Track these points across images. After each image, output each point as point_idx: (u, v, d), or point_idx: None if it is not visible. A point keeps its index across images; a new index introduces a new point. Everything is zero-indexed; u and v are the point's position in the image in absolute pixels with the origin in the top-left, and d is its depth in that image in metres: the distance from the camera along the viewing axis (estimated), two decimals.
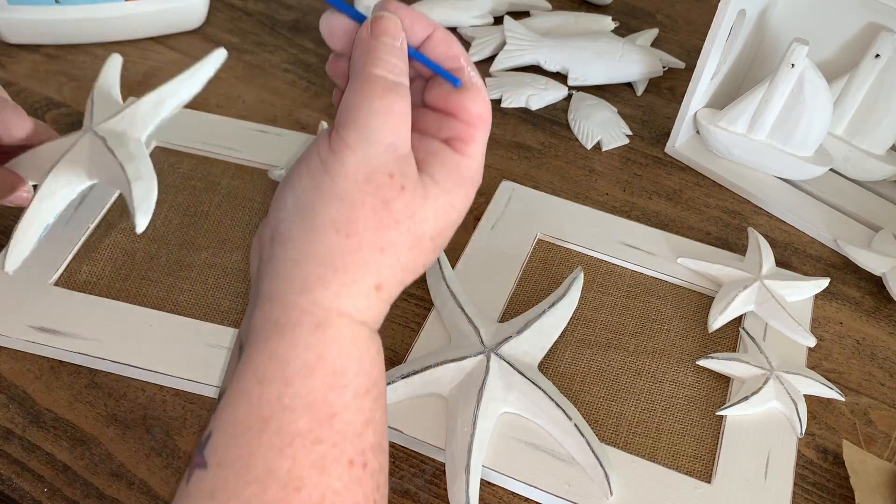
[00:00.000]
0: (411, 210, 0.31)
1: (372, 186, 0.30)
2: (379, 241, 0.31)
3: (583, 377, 0.52)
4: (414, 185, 0.31)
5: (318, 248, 0.30)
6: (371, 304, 0.32)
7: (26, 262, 0.55)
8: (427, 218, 0.31)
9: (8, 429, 0.48)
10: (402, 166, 0.31)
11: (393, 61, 0.31)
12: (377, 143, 0.30)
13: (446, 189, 0.32)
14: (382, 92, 0.31)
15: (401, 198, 0.31)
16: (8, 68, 0.73)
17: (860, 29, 0.63)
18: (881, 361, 0.56)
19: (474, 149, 0.33)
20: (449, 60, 0.33)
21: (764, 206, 0.66)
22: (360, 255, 0.31)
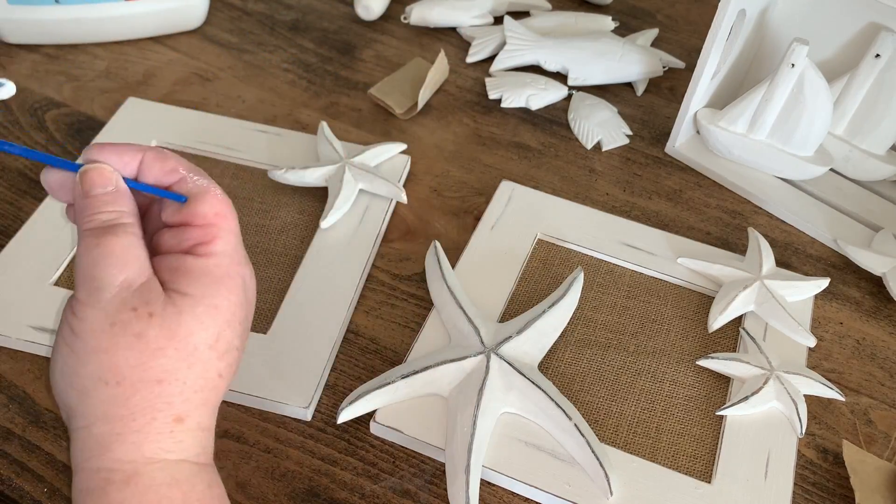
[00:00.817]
0: (169, 331, 0.30)
1: (119, 328, 0.30)
2: (151, 375, 0.30)
3: (583, 377, 0.52)
4: (162, 307, 0.30)
5: (97, 408, 0.30)
6: (181, 437, 0.31)
7: (26, 262, 0.55)
8: (192, 331, 0.31)
9: (8, 429, 0.48)
10: (143, 296, 0.30)
11: (107, 209, 0.32)
12: (108, 287, 0.30)
13: (200, 296, 0.31)
14: (97, 240, 0.31)
15: (152, 325, 0.30)
16: (8, 68, 0.73)
17: (860, 29, 0.63)
18: (881, 361, 0.56)
19: (219, 246, 0.32)
20: (168, 176, 0.34)
21: (764, 206, 0.66)
22: (139, 397, 0.30)
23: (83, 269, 0.31)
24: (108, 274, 0.30)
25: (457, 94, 0.74)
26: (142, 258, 0.31)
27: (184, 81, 0.73)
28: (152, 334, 0.30)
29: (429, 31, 0.81)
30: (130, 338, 0.30)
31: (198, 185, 0.33)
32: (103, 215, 0.32)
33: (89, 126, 0.68)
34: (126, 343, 0.30)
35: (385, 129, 0.70)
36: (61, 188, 0.33)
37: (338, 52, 0.78)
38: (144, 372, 0.30)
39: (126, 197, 0.33)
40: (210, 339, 0.31)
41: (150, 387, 0.30)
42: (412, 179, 0.65)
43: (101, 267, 0.30)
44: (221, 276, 0.32)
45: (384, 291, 0.57)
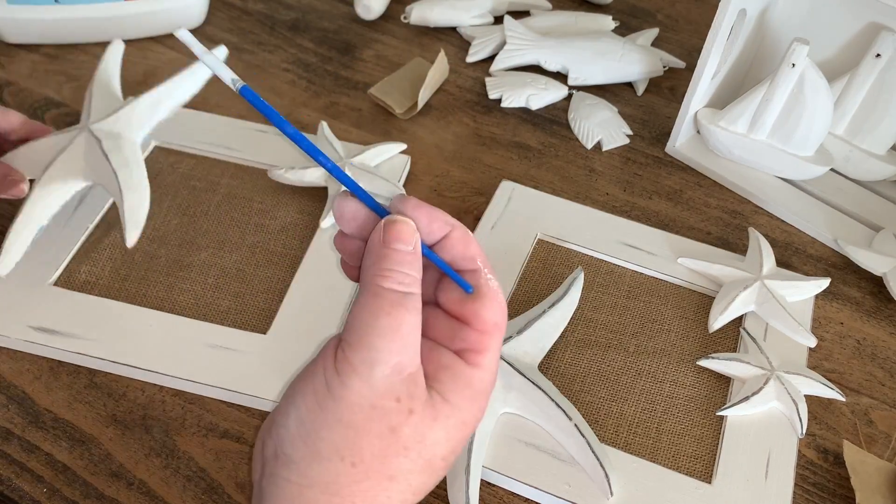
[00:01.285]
0: (420, 435, 0.29)
1: (378, 413, 0.29)
2: (387, 470, 0.29)
3: (583, 377, 0.52)
4: (423, 408, 0.29)
5: (322, 476, 0.29)
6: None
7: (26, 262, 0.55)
8: (438, 440, 0.30)
9: (8, 429, 0.48)
10: (409, 388, 0.29)
11: (404, 271, 0.30)
12: (383, 365, 0.29)
13: (458, 407, 0.30)
14: (390, 308, 0.29)
15: (409, 423, 0.29)
16: (8, 68, 0.73)
17: (860, 29, 0.63)
18: (882, 361, 0.55)
19: (488, 359, 0.31)
20: (465, 262, 0.32)
21: (764, 206, 0.66)
22: (368, 483, 0.29)
23: (366, 332, 0.29)
24: (390, 350, 0.29)
25: (457, 93, 0.74)
26: (418, 344, 0.30)
27: None
28: (405, 432, 0.29)
29: (429, 30, 0.81)
30: (385, 428, 0.29)
31: (489, 286, 0.31)
32: (400, 276, 0.30)
33: None
34: (378, 431, 0.29)
35: (385, 129, 0.70)
36: (353, 220, 0.31)
37: (338, 52, 0.78)
38: (383, 465, 0.29)
39: (420, 264, 0.31)
40: (446, 452, 0.30)
41: (380, 480, 0.29)
42: (412, 179, 0.65)
43: (387, 341, 0.29)
44: (481, 391, 0.31)
45: None
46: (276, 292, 0.55)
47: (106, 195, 0.60)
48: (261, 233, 0.59)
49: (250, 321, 0.54)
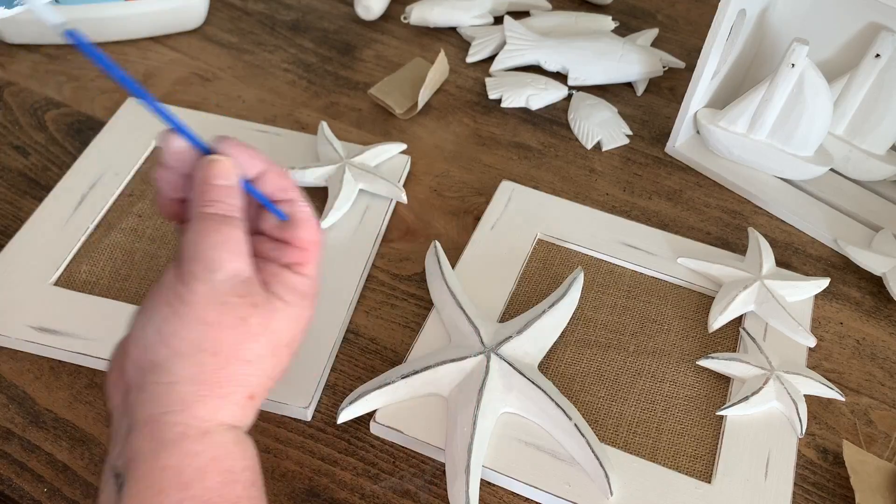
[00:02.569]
0: (266, 323, 0.35)
1: (227, 308, 0.34)
2: (244, 354, 0.34)
3: (583, 377, 0.52)
4: (264, 302, 0.35)
5: (188, 370, 0.33)
6: (246, 412, 0.35)
7: (26, 263, 0.55)
8: (280, 328, 0.35)
9: (8, 429, 0.48)
10: (249, 287, 0.34)
11: (226, 200, 0.35)
12: (221, 270, 0.34)
13: (291, 304, 0.36)
14: (218, 226, 0.34)
15: (255, 314, 0.34)
16: (8, 68, 0.73)
17: (860, 29, 0.63)
18: (881, 361, 0.55)
19: (309, 269, 0.37)
20: (280, 193, 0.37)
21: (764, 206, 0.66)
22: (230, 369, 0.34)
23: (199, 248, 0.34)
24: (224, 259, 0.34)
25: (457, 94, 0.74)
26: (247, 255, 0.35)
27: (184, 81, 0.73)
28: (253, 321, 0.34)
29: (429, 31, 0.81)
30: (235, 319, 0.34)
31: (303, 211, 0.37)
32: (223, 205, 0.35)
33: (89, 126, 0.68)
34: (230, 322, 0.34)
35: (385, 129, 0.70)
36: (177, 156, 0.36)
37: (338, 52, 0.78)
38: (239, 351, 0.34)
39: (240, 195, 0.36)
40: (288, 339, 0.36)
41: (240, 364, 0.34)
42: (412, 179, 0.65)
43: (219, 251, 0.34)
44: (307, 293, 0.37)
45: (384, 291, 0.57)
46: None
47: (106, 195, 0.60)
48: None
49: None
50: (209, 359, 0.34)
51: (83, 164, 0.62)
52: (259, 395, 0.36)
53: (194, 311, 0.33)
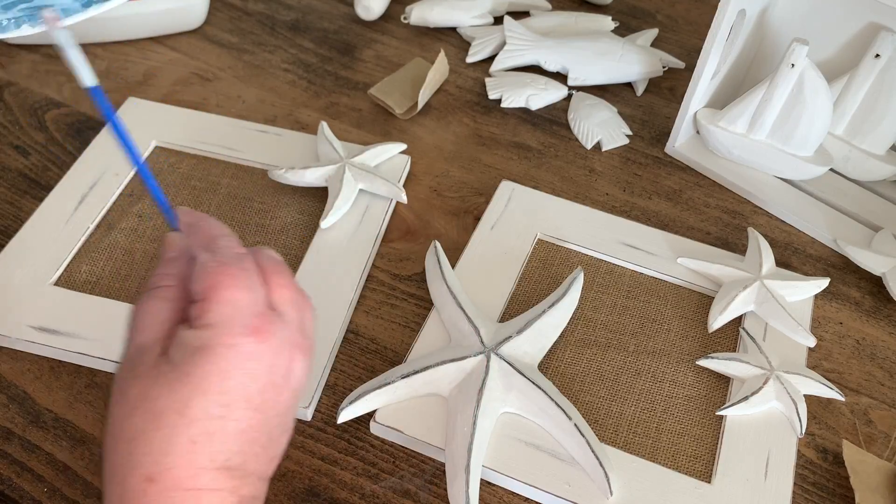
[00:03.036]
0: (143, 393, 0.32)
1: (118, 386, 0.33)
2: (127, 431, 0.32)
3: (583, 377, 0.52)
4: (146, 370, 0.33)
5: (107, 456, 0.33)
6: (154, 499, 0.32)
7: (26, 263, 0.55)
8: (161, 394, 0.32)
9: (8, 429, 0.48)
10: (139, 360, 0.33)
11: (161, 271, 0.36)
12: (129, 348, 0.34)
13: (178, 364, 0.32)
14: (139, 302, 0.35)
15: (133, 385, 0.33)
16: (8, 68, 0.73)
17: (860, 29, 0.63)
18: (881, 361, 0.56)
19: (209, 317, 0.33)
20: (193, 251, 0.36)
21: (764, 206, 0.66)
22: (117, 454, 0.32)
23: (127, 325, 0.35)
24: (132, 336, 0.34)
25: (457, 94, 0.74)
26: (157, 323, 0.34)
27: (184, 81, 0.73)
28: (132, 394, 0.32)
29: (429, 31, 0.81)
30: (119, 396, 0.33)
31: (199, 264, 0.35)
32: (158, 278, 0.35)
33: (89, 126, 0.68)
34: (116, 400, 0.33)
35: (385, 129, 0.70)
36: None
37: (338, 52, 0.78)
38: (122, 429, 0.32)
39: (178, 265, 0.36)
40: (177, 405, 0.32)
41: (124, 444, 0.32)
42: (412, 179, 0.65)
43: (130, 327, 0.35)
44: (201, 346, 0.32)
45: (384, 291, 0.57)
46: None
47: (106, 195, 0.60)
48: (261, 233, 0.59)
49: None
50: (108, 441, 0.33)
51: (83, 164, 0.62)
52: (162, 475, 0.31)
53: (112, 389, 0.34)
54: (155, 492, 0.32)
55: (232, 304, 0.33)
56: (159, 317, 0.34)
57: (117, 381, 0.34)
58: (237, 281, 0.34)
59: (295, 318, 0.36)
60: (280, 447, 0.36)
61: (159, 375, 0.32)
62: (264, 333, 0.34)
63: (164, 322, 0.34)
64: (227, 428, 0.33)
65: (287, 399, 0.35)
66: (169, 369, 0.32)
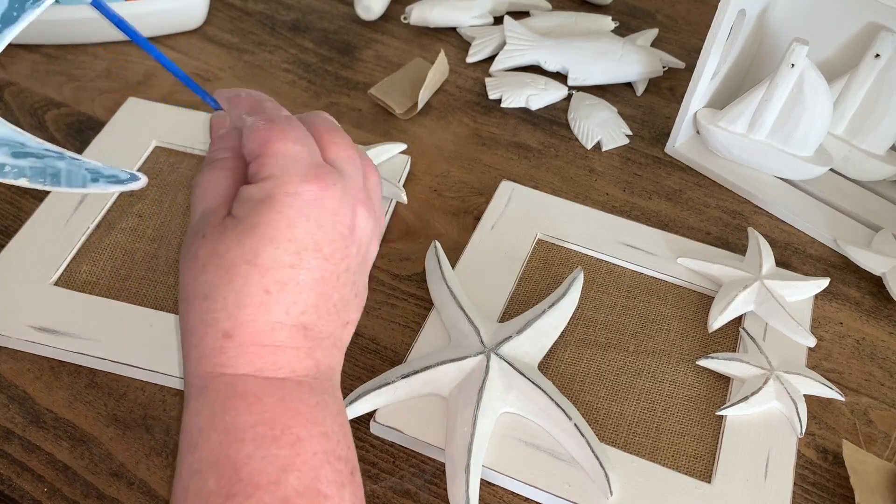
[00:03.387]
0: (212, 249, 0.33)
1: (185, 247, 0.34)
2: (200, 291, 0.32)
3: (583, 377, 0.52)
4: (213, 231, 0.33)
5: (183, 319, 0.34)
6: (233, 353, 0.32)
7: (26, 262, 0.55)
8: (229, 247, 0.32)
9: (8, 429, 0.48)
10: (206, 220, 0.34)
11: (216, 146, 0.37)
12: (195, 213, 0.35)
13: (242, 216, 0.33)
14: (199, 175, 0.36)
15: (203, 244, 0.33)
16: (8, 68, 0.73)
17: (860, 29, 0.63)
18: (881, 361, 0.56)
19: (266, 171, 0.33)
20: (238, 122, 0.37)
21: (764, 206, 0.66)
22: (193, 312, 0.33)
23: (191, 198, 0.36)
24: (196, 205, 0.35)
25: (457, 94, 0.74)
26: (219, 189, 0.35)
27: None
28: (201, 253, 0.33)
29: (429, 31, 0.81)
30: (190, 259, 0.33)
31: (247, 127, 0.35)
32: (214, 151, 0.37)
33: (89, 126, 0.68)
34: (186, 264, 0.33)
35: (385, 129, 0.70)
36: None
37: (338, 52, 0.78)
38: (195, 288, 0.32)
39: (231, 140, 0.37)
40: (248, 255, 0.32)
41: (198, 302, 0.32)
42: (412, 179, 0.65)
43: (194, 199, 0.36)
44: (264, 197, 0.33)
45: (384, 291, 0.57)
46: None
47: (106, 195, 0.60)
48: None
49: None
50: (183, 308, 0.33)
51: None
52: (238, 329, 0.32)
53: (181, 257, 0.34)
54: (232, 347, 0.32)
55: (287, 155, 0.34)
56: (220, 184, 0.35)
57: (186, 246, 0.34)
58: (288, 134, 0.34)
59: (354, 175, 0.36)
60: (353, 312, 0.37)
61: (226, 230, 0.33)
62: (324, 181, 0.34)
63: (226, 188, 0.35)
64: (299, 277, 0.33)
65: (355, 255, 0.35)
66: (235, 223, 0.33)
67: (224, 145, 0.37)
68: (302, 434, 0.32)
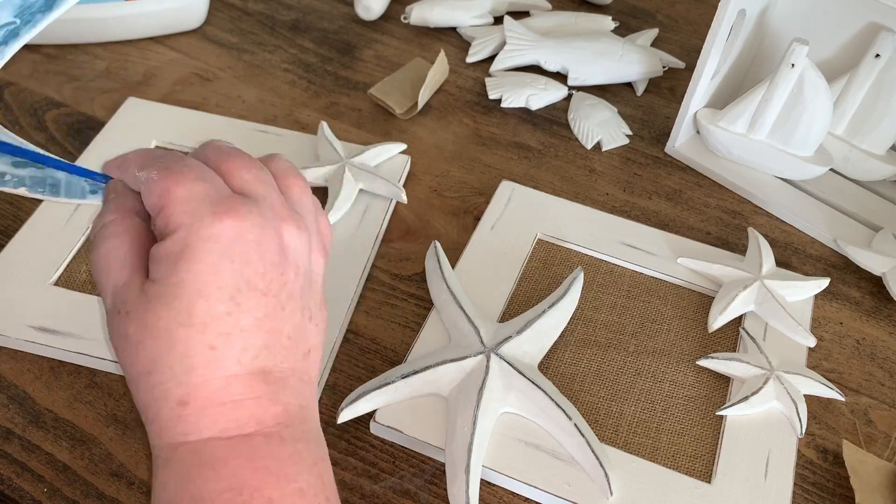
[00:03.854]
0: (142, 323, 0.30)
1: (114, 331, 0.32)
2: (142, 369, 0.31)
3: (583, 377, 0.52)
4: (135, 304, 0.31)
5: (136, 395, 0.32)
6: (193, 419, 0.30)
7: (26, 262, 0.55)
8: (158, 314, 0.30)
9: (8, 429, 0.48)
10: (122, 296, 0.32)
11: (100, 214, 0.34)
12: (105, 292, 0.32)
13: (162, 277, 0.31)
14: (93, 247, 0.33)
15: (130, 321, 0.31)
16: (8, 68, 0.73)
17: (860, 29, 0.63)
18: (881, 361, 0.56)
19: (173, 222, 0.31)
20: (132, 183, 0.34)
21: (764, 206, 0.66)
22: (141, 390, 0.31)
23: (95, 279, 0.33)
24: (103, 283, 0.32)
25: (457, 94, 0.74)
26: (122, 257, 0.32)
27: (184, 81, 0.73)
28: (131, 330, 0.31)
29: (429, 31, 0.81)
30: (121, 340, 0.31)
31: (142, 183, 0.32)
32: (101, 218, 0.34)
33: (89, 126, 0.68)
34: (120, 345, 0.31)
35: (385, 129, 0.70)
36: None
37: (338, 52, 0.78)
38: (137, 367, 0.31)
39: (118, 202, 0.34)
40: (181, 317, 0.30)
41: (144, 379, 0.31)
42: (412, 179, 0.65)
43: (97, 276, 0.33)
44: (180, 249, 0.30)
45: (384, 291, 0.57)
46: None
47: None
48: None
49: None
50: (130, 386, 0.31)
51: (83, 164, 0.62)
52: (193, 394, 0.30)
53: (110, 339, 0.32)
54: (191, 413, 0.30)
55: (192, 198, 0.31)
56: (121, 251, 0.32)
57: (112, 328, 0.32)
58: (187, 175, 0.31)
59: (268, 194, 0.33)
60: (311, 338, 0.34)
61: (150, 299, 0.30)
62: (238, 212, 0.31)
63: (130, 254, 0.32)
64: (241, 323, 0.31)
65: (294, 278, 0.33)
66: (157, 288, 0.30)
67: (110, 208, 0.34)
68: (274, 494, 0.30)
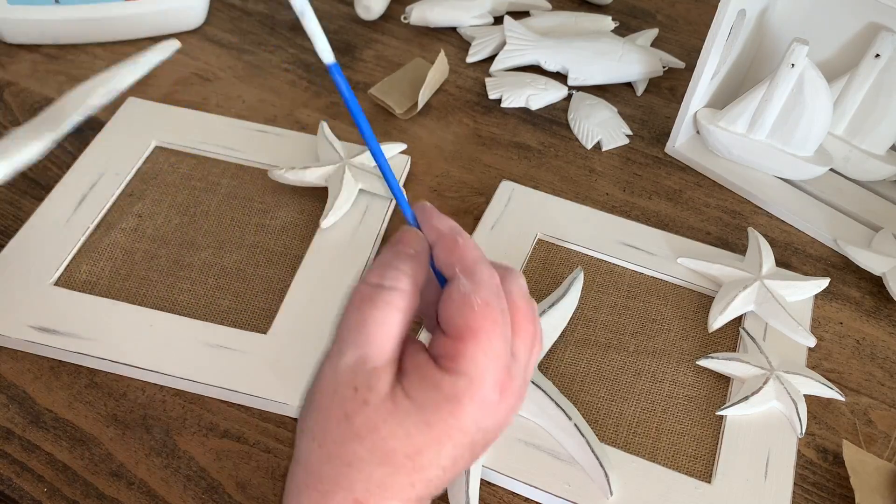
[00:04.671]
0: (373, 425, 0.30)
1: (338, 398, 0.30)
2: (344, 455, 0.30)
3: (583, 377, 0.52)
4: (380, 401, 0.30)
5: (302, 454, 0.31)
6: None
7: (26, 262, 0.55)
8: (395, 434, 0.30)
9: (8, 429, 0.48)
10: (369, 380, 0.30)
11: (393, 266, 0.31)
12: (347, 355, 0.30)
13: (422, 406, 0.30)
14: (360, 303, 0.31)
15: (362, 412, 0.30)
16: (8, 68, 0.73)
17: (860, 29, 0.63)
18: (881, 361, 0.56)
19: (463, 365, 0.30)
20: (445, 269, 0.32)
21: (764, 206, 0.66)
22: (331, 465, 0.30)
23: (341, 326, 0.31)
24: (353, 342, 0.30)
25: (457, 94, 0.74)
26: (387, 338, 0.30)
27: (184, 81, 0.73)
28: (358, 421, 0.30)
29: (429, 31, 0.81)
30: (340, 414, 0.30)
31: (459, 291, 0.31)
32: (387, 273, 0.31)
33: (89, 126, 0.68)
34: (335, 416, 0.30)
35: (385, 129, 0.70)
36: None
37: (338, 52, 0.78)
38: (340, 450, 0.30)
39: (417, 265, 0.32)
40: (410, 450, 0.30)
41: (339, 466, 0.30)
42: (412, 179, 0.65)
43: (351, 333, 0.31)
44: (453, 397, 0.30)
45: None
46: (276, 292, 0.55)
47: (106, 195, 0.60)
48: (261, 233, 0.59)
49: (250, 321, 0.54)
50: (315, 448, 0.30)
51: (83, 164, 0.62)
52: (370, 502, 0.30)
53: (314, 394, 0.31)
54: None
55: (490, 354, 0.30)
56: (392, 330, 0.30)
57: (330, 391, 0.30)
58: (498, 328, 0.30)
59: (526, 361, 0.33)
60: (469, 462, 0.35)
61: (396, 413, 0.30)
62: (507, 390, 0.31)
63: (397, 337, 0.31)
64: (446, 477, 0.32)
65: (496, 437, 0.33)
66: (408, 409, 0.30)
67: (405, 269, 0.31)
68: None
